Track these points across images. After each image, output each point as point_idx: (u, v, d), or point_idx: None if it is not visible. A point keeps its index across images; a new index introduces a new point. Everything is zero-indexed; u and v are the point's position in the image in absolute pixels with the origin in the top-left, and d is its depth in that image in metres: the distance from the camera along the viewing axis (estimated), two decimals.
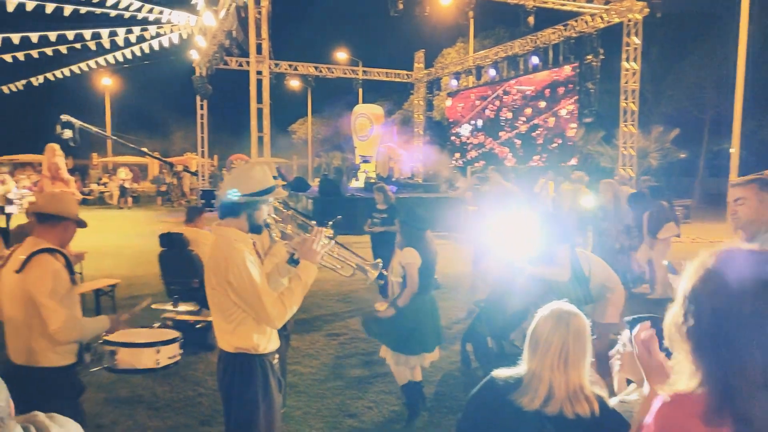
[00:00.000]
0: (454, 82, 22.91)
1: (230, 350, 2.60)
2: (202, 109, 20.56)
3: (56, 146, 8.88)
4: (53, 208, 2.90)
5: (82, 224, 3.02)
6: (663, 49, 28.34)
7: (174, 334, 3.34)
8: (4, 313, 2.85)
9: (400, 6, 13.63)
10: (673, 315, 1.26)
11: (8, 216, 13.74)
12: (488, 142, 21.46)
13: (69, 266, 2.86)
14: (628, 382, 2.00)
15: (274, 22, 13.46)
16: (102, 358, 3.17)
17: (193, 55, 18.70)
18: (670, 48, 28.47)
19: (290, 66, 21.94)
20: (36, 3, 12.81)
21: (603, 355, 2.19)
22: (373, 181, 17.90)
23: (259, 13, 12.38)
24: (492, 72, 20.49)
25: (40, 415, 1.56)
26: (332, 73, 23.62)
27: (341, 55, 32.14)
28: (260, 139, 11.96)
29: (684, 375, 1.23)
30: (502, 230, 5.08)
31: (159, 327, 3.83)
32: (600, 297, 4.67)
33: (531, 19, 14.78)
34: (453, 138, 22.81)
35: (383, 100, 29.25)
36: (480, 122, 21.70)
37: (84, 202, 19.63)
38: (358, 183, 18.76)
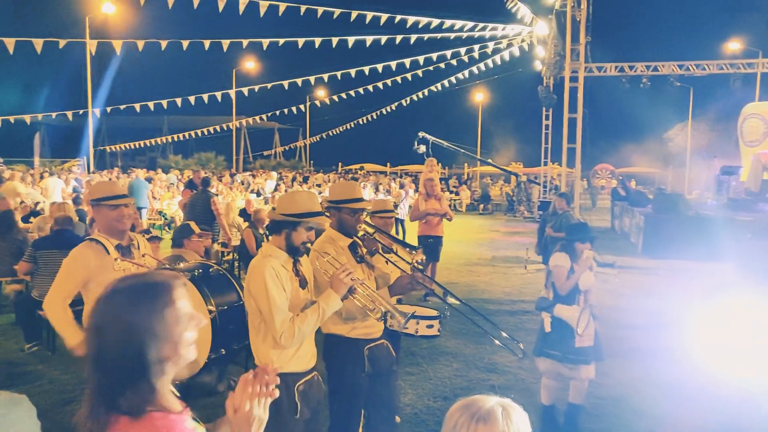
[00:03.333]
0: None
1: (258, 362, 2.70)
2: (547, 119, 20.38)
3: (433, 160, 9.55)
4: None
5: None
6: None
7: (432, 312, 3.97)
8: None
9: None
10: None
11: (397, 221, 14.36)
12: None
13: None
14: None
15: (633, 20, 12.39)
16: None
17: (538, 66, 18.72)
18: None
19: (647, 66, 19.67)
20: (387, 36, 15.09)
21: None
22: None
23: (588, 17, 11.58)
24: None
25: None
26: (703, 70, 20.10)
27: (733, 45, 27.16)
28: (571, 150, 11.16)
29: None
30: None
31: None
32: None
33: None
34: None
35: None
36: None
37: None
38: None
